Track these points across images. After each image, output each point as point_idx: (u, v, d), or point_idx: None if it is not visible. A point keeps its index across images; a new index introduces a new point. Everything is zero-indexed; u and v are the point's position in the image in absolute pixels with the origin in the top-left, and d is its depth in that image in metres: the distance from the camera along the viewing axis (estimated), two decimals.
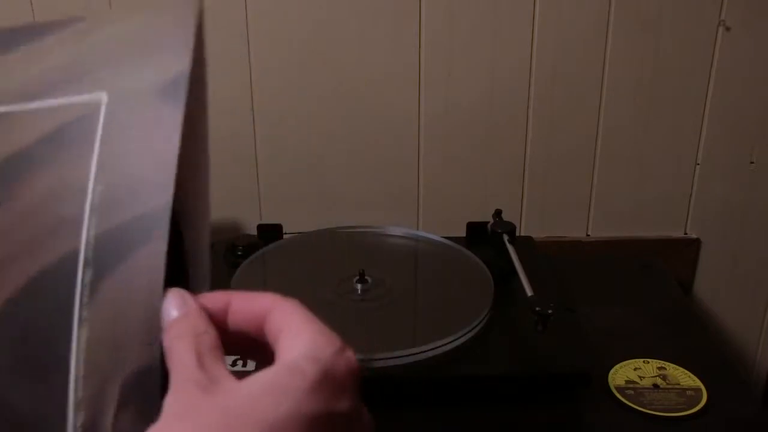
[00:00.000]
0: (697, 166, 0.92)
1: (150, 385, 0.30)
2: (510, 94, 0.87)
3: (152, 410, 0.28)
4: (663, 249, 0.93)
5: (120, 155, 0.32)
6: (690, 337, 0.74)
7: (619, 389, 0.64)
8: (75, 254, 0.31)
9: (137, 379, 0.30)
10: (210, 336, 0.31)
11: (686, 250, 0.95)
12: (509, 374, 0.62)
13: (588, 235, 0.95)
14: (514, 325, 0.67)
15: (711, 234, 0.95)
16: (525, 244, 0.79)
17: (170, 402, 0.29)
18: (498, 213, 0.81)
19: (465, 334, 0.64)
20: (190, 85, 0.32)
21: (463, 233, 0.82)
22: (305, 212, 0.91)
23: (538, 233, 0.93)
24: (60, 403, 0.30)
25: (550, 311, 0.60)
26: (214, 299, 0.33)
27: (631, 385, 0.65)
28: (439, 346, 0.62)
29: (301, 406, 0.28)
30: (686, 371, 0.67)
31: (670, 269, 0.88)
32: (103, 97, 0.33)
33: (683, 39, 0.85)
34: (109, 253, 0.31)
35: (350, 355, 0.31)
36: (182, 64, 0.32)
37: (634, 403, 0.63)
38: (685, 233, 0.95)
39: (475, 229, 0.82)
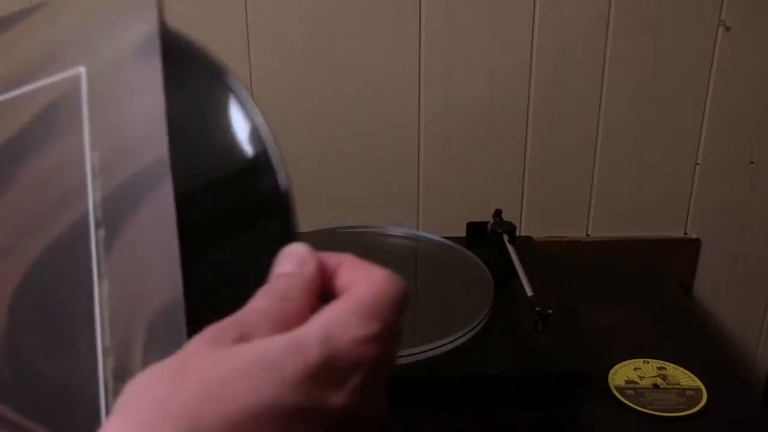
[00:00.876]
0: (697, 166, 0.92)
1: (175, 319, 0.31)
2: (510, 94, 0.87)
3: (179, 342, 0.29)
4: (663, 249, 0.93)
5: (109, 120, 0.33)
6: (690, 337, 0.74)
7: (619, 389, 0.64)
8: (85, 218, 0.32)
9: (163, 315, 0.31)
10: (290, 310, 0.29)
11: (686, 250, 0.95)
12: (509, 374, 0.62)
13: (588, 235, 0.95)
14: (514, 325, 0.67)
15: (711, 234, 0.95)
16: (525, 244, 0.79)
17: (185, 348, 0.28)
18: (498, 213, 0.81)
19: (465, 334, 0.64)
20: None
21: (463, 233, 0.82)
22: (305, 212, 0.90)
23: (538, 233, 0.93)
24: (88, 360, 0.32)
25: (550, 311, 0.60)
26: (329, 261, 0.32)
27: (631, 385, 0.65)
28: (439, 346, 0.62)
29: (285, 396, 0.26)
30: (686, 371, 0.67)
31: (670, 269, 0.88)
32: (81, 70, 0.34)
33: (683, 39, 0.85)
34: (118, 211, 0.32)
35: (370, 350, 0.28)
36: (149, 22, 0.34)
37: (634, 403, 0.63)
38: (685, 233, 0.95)
39: (475, 229, 0.82)
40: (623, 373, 0.67)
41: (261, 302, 0.30)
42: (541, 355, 0.63)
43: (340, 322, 0.28)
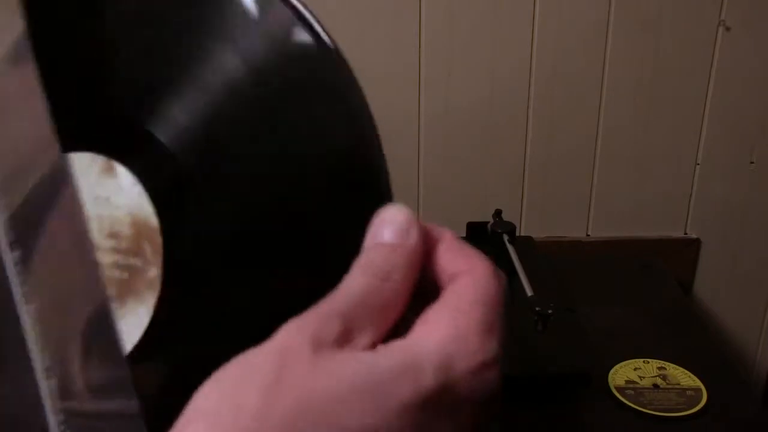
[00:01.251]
0: (697, 166, 0.92)
1: (104, 324, 0.28)
2: (510, 94, 0.87)
3: (114, 347, 0.27)
4: (663, 249, 0.93)
5: None
6: (690, 337, 0.74)
7: (619, 389, 0.64)
8: None
9: (92, 324, 0.29)
10: (392, 293, 0.25)
11: (686, 250, 0.95)
12: (509, 374, 0.62)
13: (588, 235, 0.95)
14: (514, 325, 0.67)
15: (711, 234, 0.95)
16: (525, 244, 0.79)
17: (281, 344, 0.23)
18: (498, 213, 0.81)
19: None
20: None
21: (463, 233, 0.82)
22: None
23: (538, 233, 0.93)
24: (28, 384, 0.30)
25: (550, 311, 0.60)
26: (431, 232, 0.27)
27: (631, 385, 0.65)
28: None
29: (391, 425, 0.22)
30: (686, 371, 0.67)
31: (670, 269, 0.88)
32: None
33: (683, 39, 0.85)
34: (27, 226, 0.30)
35: (489, 375, 0.24)
36: (16, 26, 0.32)
37: (634, 403, 0.63)
38: (685, 233, 0.95)
39: (475, 229, 0.82)
40: (623, 373, 0.66)
41: (359, 282, 0.25)
42: (541, 355, 0.63)
43: (457, 345, 0.24)
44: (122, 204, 0.31)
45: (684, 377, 0.66)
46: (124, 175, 0.32)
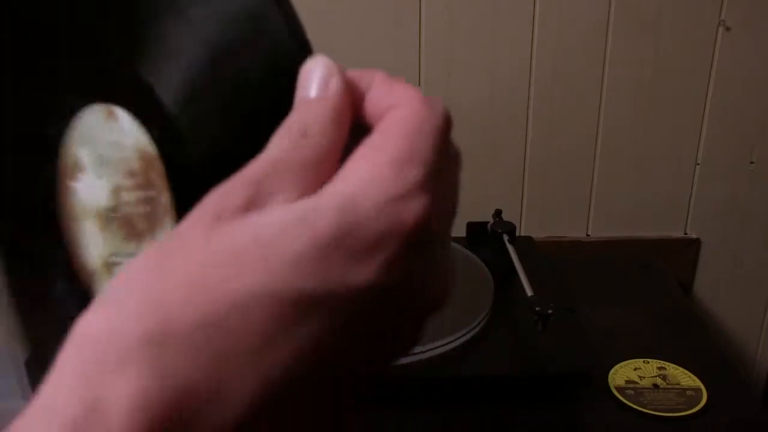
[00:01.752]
0: (697, 166, 0.92)
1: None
2: (510, 94, 0.87)
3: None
4: (663, 249, 0.93)
5: None
6: (690, 337, 0.74)
7: (619, 389, 0.64)
8: None
9: None
10: (314, 148, 0.23)
11: (686, 250, 0.95)
12: (509, 374, 0.62)
13: (588, 235, 0.95)
14: (514, 325, 0.67)
15: (711, 234, 0.95)
16: (525, 244, 0.79)
17: (181, 224, 0.22)
18: (498, 213, 0.81)
19: (465, 334, 0.64)
20: None
21: (463, 233, 0.82)
22: None
23: (538, 233, 0.93)
24: None
25: (550, 311, 0.60)
26: (360, 79, 0.25)
27: (631, 385, 0.65)
28: (439, 346, 0.62)
29: (283, 282, 0.20)
30: (686, 371, 0.67)
31: (670, 269, 0.88)
32: None
33: (683, 39, 0.85)
34: None
35: (412, 207, 0.21)
36: None
37: (634, 403, 0.63)
38: (685, 233, 0.95)
39: (475, 229, 0.82)
40: (623, 373, 0.66)
41: (276, 143, 0.23)
42: (541, 355, 0.63)
43: (365, 181, 0.21)
44: (129, 144, 0.32)
45: (684, 377, 0.66)
46: (123, 118, 0.32)
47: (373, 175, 0.21)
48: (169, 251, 0.21)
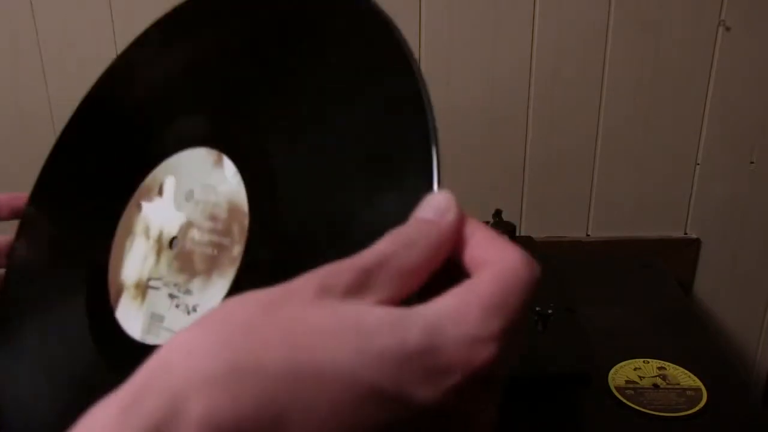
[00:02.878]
0: (697, 166, 0.92)
1: None
2: (510, 94, 0.87)
3: None
4: (663, 249, 0.93)
5: None
6: (690, 337, 0.74)
7: (619, 389, 0.64)
8: None
9: None
10: (414, 259, 0.25)
11: (686, 250, 0.95)
12: (509, 374, 0.62)
13: (588, 235, 0.95)
14: None
15: (711, 234, 0.95)
16: (525, 244, 0.79)
17: (292, 282, 0.24)
18: (498, 213, 0.81)
19: None
20: None
21: None
22: None
23: (538, 233, 0.93)
24: None
25: (550, 311, 0.60)
26: (468, 224, 0.28)
27: (631, 385, 0.65)
28: None
29: (363, 369, 0.22)
30: (686, 371, 0.67)
31: (670, 269, 0.88)
32: None
33: (683, 39, 0.85)
34: None
35: (483, 351, 0.24)
36: None
37: (634, 403, 0.63)
38: (685, 233, 0.95)
39: None
40: (623, 373, 0.67)
41: (383, 245, 0.26)
42: (541, 355, 0.63)
43: (455, 314, 0.24)
44: (225, 191, 0.34)
45: (684, 377, 0.66)
46: (228, 167, 0.35)
47: (462, 312, 0.24)
48: (276, 299, 0.24)
